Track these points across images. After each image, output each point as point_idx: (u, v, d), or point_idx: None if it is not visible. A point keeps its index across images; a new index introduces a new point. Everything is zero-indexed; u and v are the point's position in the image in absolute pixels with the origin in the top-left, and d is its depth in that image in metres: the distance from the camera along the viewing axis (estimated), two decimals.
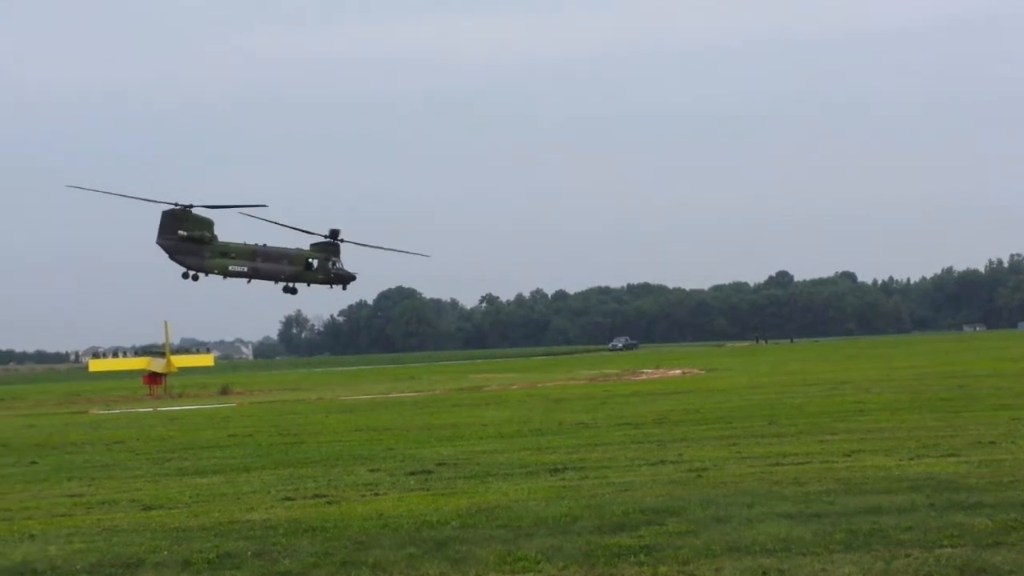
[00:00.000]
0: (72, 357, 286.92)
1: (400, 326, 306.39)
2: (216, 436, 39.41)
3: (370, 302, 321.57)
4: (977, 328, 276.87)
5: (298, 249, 44.97)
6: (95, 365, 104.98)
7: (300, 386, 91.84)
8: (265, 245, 44.92)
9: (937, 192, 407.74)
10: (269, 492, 22.99)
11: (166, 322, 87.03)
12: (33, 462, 32.55)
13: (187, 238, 43.47)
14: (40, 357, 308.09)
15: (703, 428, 33.44)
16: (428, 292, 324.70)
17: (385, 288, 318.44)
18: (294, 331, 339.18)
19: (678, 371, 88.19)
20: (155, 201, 43.23)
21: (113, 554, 16.44)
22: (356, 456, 29.78)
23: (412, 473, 25.06)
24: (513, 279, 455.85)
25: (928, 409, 36.37)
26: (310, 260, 44.61)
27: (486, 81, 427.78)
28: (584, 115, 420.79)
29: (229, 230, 44.94)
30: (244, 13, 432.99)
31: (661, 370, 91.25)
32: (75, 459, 33.04)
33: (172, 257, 43.81)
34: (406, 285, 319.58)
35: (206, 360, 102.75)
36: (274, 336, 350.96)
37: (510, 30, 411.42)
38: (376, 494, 21.97)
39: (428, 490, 22.16)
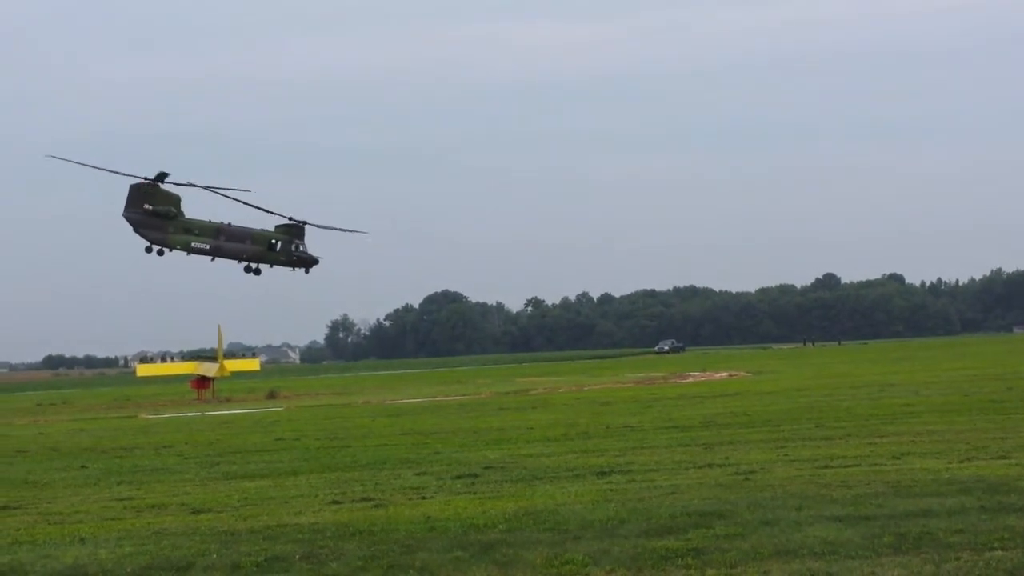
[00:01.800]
0: (121, 362, 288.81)
1: (446, 330, 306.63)
2: (264, 440, 39.61)
3: (416, 306, 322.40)
4: None
5: (262, 229, 45.02)
6: (143, 370, 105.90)
7: (347, 390, 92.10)
8: (230, 224, 45.04)
9: (984, 193, 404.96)
10: (317, 495, 23.07)
11: (219, 326, 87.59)
12: (83, 466, 32.82)
13: (152, 212, 43.65)
14: (89, 362, 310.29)
15: (750, 431, 33.31)
16: (474, 296, 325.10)
17: (431, 292, 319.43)
18: (340, 335, 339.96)
19: (725, 374, 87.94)
20: (127, 175, 43.39)
21: (162, 557, 16.54)
22: (403, 460, 29.84)
23: (459, 476, 25.08)
24: (559, 282, 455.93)
25: (978, 411, 36.07)
26: (273, 241, 44.65)
27: (517, 89, 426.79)
28: (623, 125, 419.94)
29: (198, 208, 45.00)
30: (271, 20, 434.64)
31: (708, 373, 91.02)
32: (124, 463, 33.30)
33: (136, 230, 44.02)
34: (452, 289, 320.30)
35: (252, 365, 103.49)
36: (321, 341, 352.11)
37: (541, 41, 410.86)
38: (423, 497, 22.01)
39: (475, 493, 22.17)
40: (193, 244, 44.32)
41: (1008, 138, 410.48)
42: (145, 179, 43.36)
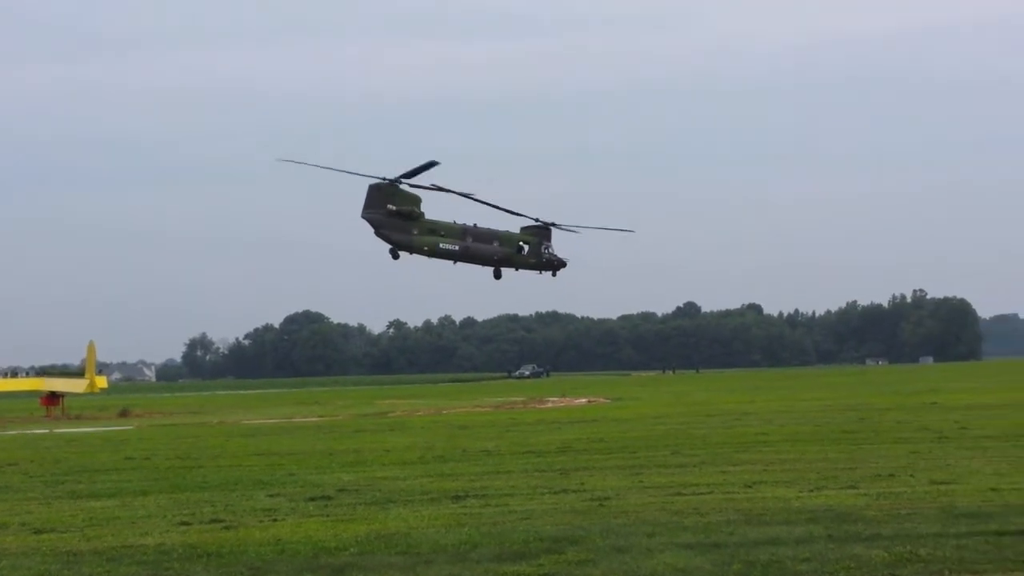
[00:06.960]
0: None
1: (306, 350, 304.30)
2: (113, 459, 38.76)
3: (276, 325, 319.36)
4: (880, 362, 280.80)
5: (508, 231, 43.76)
6: None
7: (202, 409, 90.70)
8: (476, 225, 43.60)
9: (841, 226, 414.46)
10: (165, 516, 22.62)
11: (92, 342, 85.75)
12: None
13: (395, 213, 42.02)
14: None
15: (607, 457, 33.44)
16: (335, 316, 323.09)
17: (292, 312, 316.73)
18: (198, 354, 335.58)
19: (584, 400, 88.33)
20: (365, 175, 42.00)
21: None
22: (256, 481, 29.41)
23: (312, 499, 24.80)
24: (421, 305, 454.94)
25: (830, 441, 36.68)
26: (522, 243, 43.41)
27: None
28: (489, 144, 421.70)
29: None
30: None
31: (567, 399, 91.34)
32: None
33: (378, 232, 42.20)
34: (313, 309, 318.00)
35: (99, 382, 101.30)
36: (178, 358, 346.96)
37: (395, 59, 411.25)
38: (274, 520, 21.70)
39: (327, 516, 21.93)
40: (441, 246, 42.74)
41: (866, 173, 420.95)
42: (384, 179, 41.79)
